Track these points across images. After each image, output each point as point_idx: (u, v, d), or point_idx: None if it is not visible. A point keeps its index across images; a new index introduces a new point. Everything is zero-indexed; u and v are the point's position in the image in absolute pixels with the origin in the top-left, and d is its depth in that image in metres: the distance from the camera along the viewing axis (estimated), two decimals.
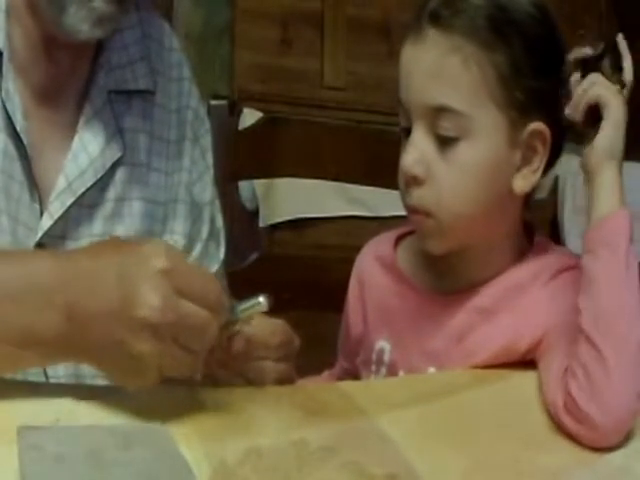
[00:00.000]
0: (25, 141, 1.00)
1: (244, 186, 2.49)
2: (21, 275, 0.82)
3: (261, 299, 0.88)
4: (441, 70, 0.95)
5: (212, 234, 1.19)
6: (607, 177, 0.95)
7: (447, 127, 0.95)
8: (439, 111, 0.95)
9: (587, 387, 0.89)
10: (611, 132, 0.95)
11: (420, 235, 1.01)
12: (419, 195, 0.98)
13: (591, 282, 0.92)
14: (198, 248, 1.16)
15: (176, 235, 1.13)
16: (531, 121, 0.97)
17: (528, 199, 1.03)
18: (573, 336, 0.92)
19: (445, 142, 0.96)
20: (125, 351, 0.78)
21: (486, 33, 0.95)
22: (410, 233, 1.08)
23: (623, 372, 0.88)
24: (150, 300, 0.77)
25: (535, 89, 0.96)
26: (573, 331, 0.92)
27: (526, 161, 0.98)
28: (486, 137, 0.96)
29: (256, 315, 0.91)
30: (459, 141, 0.96)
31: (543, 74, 0.97)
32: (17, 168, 1.00)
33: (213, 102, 2.09)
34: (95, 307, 0.79)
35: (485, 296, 1.01)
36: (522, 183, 0.98)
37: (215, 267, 1.18)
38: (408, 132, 0.98)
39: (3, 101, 0.99)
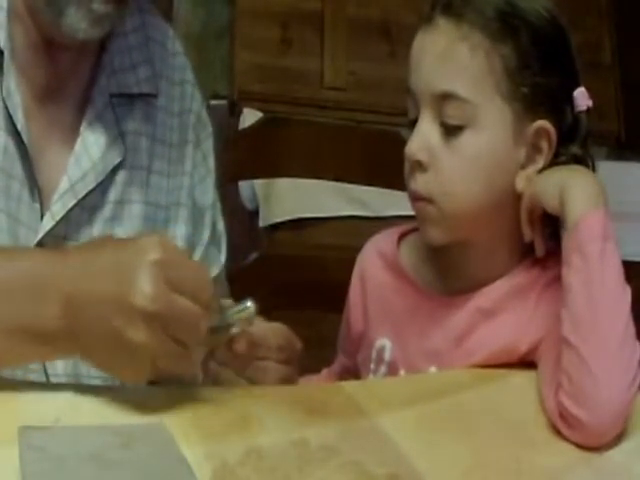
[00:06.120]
0: (25, 140, 0.99)
1: (244, 186, 2.49)
2: (17, 270, 0.83)
3: (249, 304, 0.89)
4: (449, 57, 0.96)
5: (213, 238, 1.18)
6: (579, 188, 0.94)
7: (453, 115, 0.96)
8: (445, 98, 0.96)
9: (573, 393, 0.89)
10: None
11: (421, 223, 1.01)
12: (423, 181, 0.98)
13: (567, 291, 0.92)
14: (199, 252, 1.16)
15: (177, 239, 1.13)
16: (536, 118, 0.97)
17: None
18: None
19: (450, 131, 0.97)
20: (119, 341, 0.79)
21: (494, 24, 0.96)
22: (412, 231, 1.09)
23: (606, 372, 0.88)
24: (144, 289, 0.78)
25: (541, 85, 0.97)
26: None
27: (531, 160, 0.99)
28: (490, 127, 0.97)
29: (257, 318, 0.91)
30: (464, 130, 0.96)
31: (550, 72, 0.98)
32: (17, 167, 1.00)
33: (213, 102, 2.09)
34: (91, 297, 0.80)
35: (487, 297, 1.01)
36: (525, 182, 0.98)
37: (216, 271, 1.18)
38: (416, 123, 0.99)
39: (4, 99, 0.99)
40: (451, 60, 0.96)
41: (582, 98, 1.00)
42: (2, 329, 0.81)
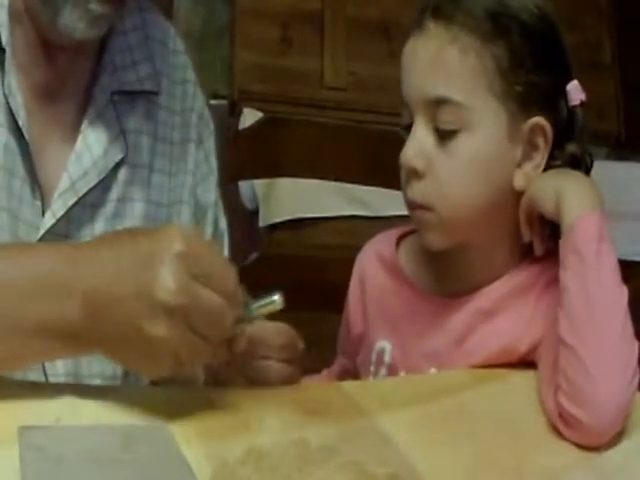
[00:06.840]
0: (27, 137, 1.00)
1: (244, 186, 2.49)
2: (38, 267, 0.82)
3: (276, 297, 0.86)
4: (439, 61, 0.96)
5: (215, 236, 1.18)
6: (574, 192, 0.94)
7: (447, 120, 0.96)
8: (438, 103, 0.96)
9: (572, 393, 0.89)
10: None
11: (420, 230, 1.01)
12: (420, 188, 0.98)
13: (564, 291, 0.92)
14: None
15: None
16: (531, 115, 0.97)
17: None
18: None
19: (445, 135, 0.96)
20: (141, 335, 0.78)
21: (485, 24, 0.96)
22: (411, 232, 1.08)
23: (604, 372, 0.88)
24: (167, 283, 0.77)
25: (535, 83, 0.97)
26: None
27: (527, 157, 0.98)
28: (485, 129, 0.96)
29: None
30: (459, 133, 0.96)
31: (543, 69, 0.97)
32: (19, 165, 1.00)
33: (213, 102, 2.09)
34: (113, 292, 0.79)
35: (486, 298, 1.01)
36: (523, 180, 0.98)
37: None
38: (410, 129, 0.98)
39: (6, 97, 0.99)
40: (442, 64, 0.96)
41: (575, 92, 1.00)
42: (25, 328, 0.80)
